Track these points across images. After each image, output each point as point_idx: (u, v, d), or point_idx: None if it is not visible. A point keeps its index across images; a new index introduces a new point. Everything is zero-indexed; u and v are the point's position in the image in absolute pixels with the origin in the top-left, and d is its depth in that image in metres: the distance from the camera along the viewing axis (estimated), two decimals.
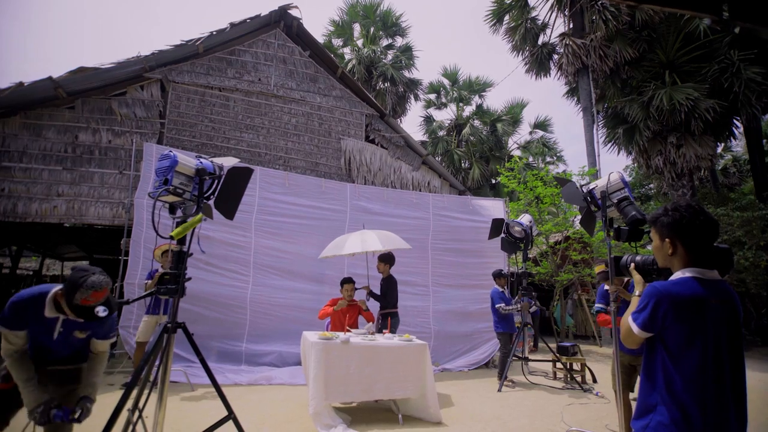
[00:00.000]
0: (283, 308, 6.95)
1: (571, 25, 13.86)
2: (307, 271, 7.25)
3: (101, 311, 2.26)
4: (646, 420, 1.63)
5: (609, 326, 4.10)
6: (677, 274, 1.64)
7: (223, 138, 7.52)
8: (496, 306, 6.46)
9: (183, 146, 7.05)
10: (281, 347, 6.78)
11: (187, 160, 2.99)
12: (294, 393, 5.41)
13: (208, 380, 6.25)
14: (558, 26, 38.69)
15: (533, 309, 10.79)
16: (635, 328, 1.65)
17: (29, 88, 6.15)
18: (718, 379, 1.52)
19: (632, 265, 1.93)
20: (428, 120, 20.72)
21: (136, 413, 2.79)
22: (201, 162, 3.06)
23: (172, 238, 2.77)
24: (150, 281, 5.35)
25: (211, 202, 3.19)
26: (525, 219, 6.83)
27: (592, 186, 3.73)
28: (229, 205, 3.25)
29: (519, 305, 6.47)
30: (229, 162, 3.29)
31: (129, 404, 2.76)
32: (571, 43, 13.03)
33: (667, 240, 1.66)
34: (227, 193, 3.22)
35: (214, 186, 3.14)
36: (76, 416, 2.39)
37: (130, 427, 2.74)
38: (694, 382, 1.52)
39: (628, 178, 23.16)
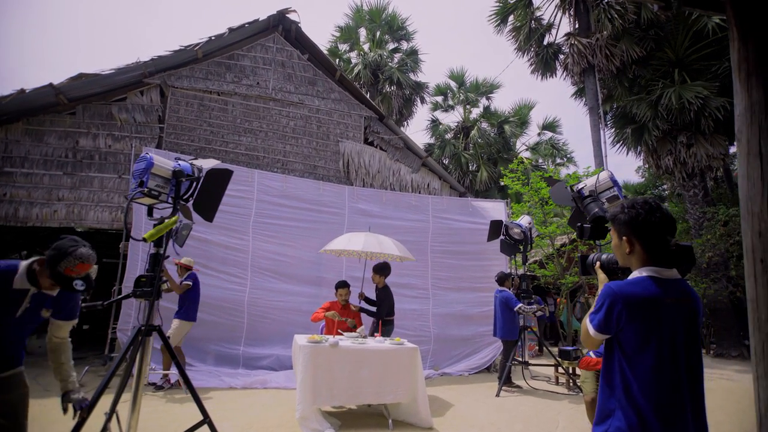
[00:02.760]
0: (280, 311, 6.94)
1: (577, 25, 13.67)
2: (304, 274, 7.24)
3: (79, 285, 2.13)
4: (605, 426, 1.57)
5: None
6: (634, 274, 1.60)
7: (222, 142, 7.56)
8: (517, 306, 6.24)
9: (182, 150, 7.11)
10: (279, 350, 6.76)
11: (164, 162, 2.98)
12: (287, 397, 5.37)
13: (205, 384, 6.24)
14: (563, 26, 38.28)
15: (540, 313, 10.61)
16: (591, 330, 1.59)
17: (31, 94, 6.27)
18: (674, 381, 1.47)
19: (597, 263, 1.86)
20: (435, 123, 20.65)
21: (111, 416, 2.78)
22: (179, 164, 3.05)
23: (145, 240, 2.76)
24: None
25: (190, 204, 3.17)
26: (524, 220, 6.72)
27: (581, 186, 3.63)
28: (208, 207, 3.22)
29: (536, 306, 6.35)
30: (208, 163, 3.27)
31: (107, 408, 2.76)
32: (576, 42, 12.85)
33: (624, 238, 1.61)
34: (206, 194, 3.19)
35: (192, 188, 3.12)
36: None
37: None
38: (650, 384, 1.47)
39: (640, 179, 22.53)
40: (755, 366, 1.37)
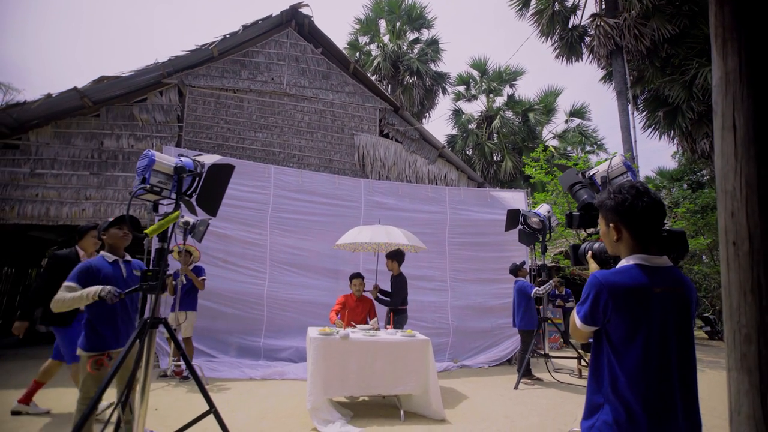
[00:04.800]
0: (299, 304, 7.04)
1: (603, 5, 13.09)
2: (322, 267, 7.30)
3: None
4: (592, 420, 1.51)
5: None
6: (622, 262, 1.51)
7: (239, 138, 7.69)
8: (533, 291, 6.15)
9: (200, 148, 7.28)
10: (298, 342, 6.86)
11: (166, 159, 3.05)
12: (303, 388, 5.40)
13: (226, 375, 6.38)
14: (589, 7, 36.60)
15: (570, 303, 10.27)
16: (578, 322, 1.52)
17: (57, 98, 6.56)
18: (663, 374, 1.39)
19: (589, 253, 1.76)
20: (458, 113, 20.30)
21: (125, 406, 2.88)
22: (181, 160, 3.11)
23: (146, 235, 2.84)
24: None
25: (193, 199, 3.23)
26: (543, 209, 6.52)
27: (592, 171, 3.47)
28: (211, 202, 3.27)
29: (550, 284, 6.22)
30: (210, 159, 3.32)
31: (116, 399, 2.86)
32: (602, 23, 12.29)
33: (611, 225, 1.52)
34: (209, 190, 3.24)
35: (195, 183, 3.18)
36: None
37: (114, 421, 2.83)
38: (638, 378, 1.40)
39: (676, 164, 21.46)
40: (727, 357, 1.27)
